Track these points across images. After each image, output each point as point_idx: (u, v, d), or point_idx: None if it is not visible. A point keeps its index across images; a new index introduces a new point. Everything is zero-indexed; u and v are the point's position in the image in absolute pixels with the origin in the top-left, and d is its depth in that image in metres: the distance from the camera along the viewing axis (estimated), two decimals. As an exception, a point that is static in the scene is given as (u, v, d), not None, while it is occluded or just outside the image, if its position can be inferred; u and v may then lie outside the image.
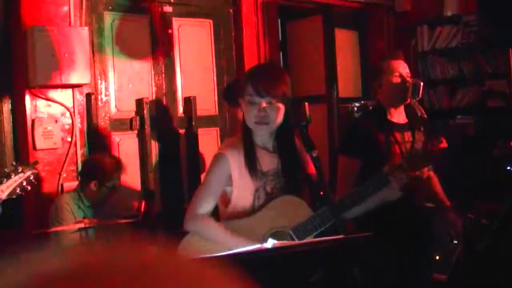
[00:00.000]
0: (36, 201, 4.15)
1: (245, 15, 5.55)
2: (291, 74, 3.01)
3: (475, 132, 6.02)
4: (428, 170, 3.23)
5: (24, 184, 3.18)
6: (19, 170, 3.17)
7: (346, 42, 6.63)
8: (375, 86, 3.39)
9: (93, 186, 3.89)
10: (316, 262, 2.32)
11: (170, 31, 5.10)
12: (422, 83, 3.33)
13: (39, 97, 4.23)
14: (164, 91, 5.03)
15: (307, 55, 6.31)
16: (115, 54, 4.74)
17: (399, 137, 3.25)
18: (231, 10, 5.54)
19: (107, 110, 4.69)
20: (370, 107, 5.07)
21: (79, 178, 4.13)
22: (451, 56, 6.45)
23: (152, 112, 4.87)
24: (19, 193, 3.17)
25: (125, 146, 4.77)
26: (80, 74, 4.24)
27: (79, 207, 3.86)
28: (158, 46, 5.01)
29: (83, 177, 4.01)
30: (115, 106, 4.74)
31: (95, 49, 4.60)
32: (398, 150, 3.22)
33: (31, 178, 3.21)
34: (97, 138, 4.57)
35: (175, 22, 5.15)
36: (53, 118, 4.29)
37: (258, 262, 2.14)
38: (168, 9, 5.10)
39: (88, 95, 4.51)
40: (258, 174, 2.66)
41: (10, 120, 4.26)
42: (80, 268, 0.52)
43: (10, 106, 4.26)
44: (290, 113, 2.65)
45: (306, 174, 2.71)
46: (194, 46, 5.26)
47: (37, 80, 4.11)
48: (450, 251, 3.78)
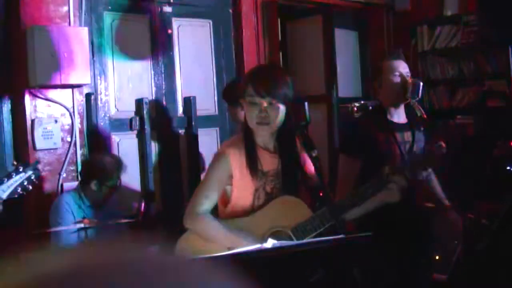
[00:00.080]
0: (36, 201, 4.14)
1: (244, 15, 5.55)
2: (291, 74, 3.00)
3: (475, 132, 6.01)
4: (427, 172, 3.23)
5: (25, 183, 3.16)
6: (20, 169, 3.15)
7: (346, 42, 6.63)
8: (376, 86, 3.39)
9: (93, 186, 3.88)
10: (316, 262, 2.32)
11: (169, 31, 5.10)
12: (422, 83, 3.33)
13: (39, 97, 4.23)
14: (163, 91, 5.03)
15: (307, 55, 6.31)
16: (115, 54, 4.74)
17: (399, 137, 3.24)
18: (231, 10, 5.54)
19: (107, 110, 4.69)
20: (370, 107, 5.08)
21: (79, 178, 4.13)
22: (451, 56, 6.45)
23: (151, 112, 4.87)
24: (21, 192, 3.16)
25: (124, 146, 4.77)
26: (79, 74, 4.23)
27: (80, 207, 3.86)
28: (158, 46, 5.00)
29: (83, 176, 4.01)
30: (115, 106, 4.74)
31: (95, 49, 4.60)
32: (398, 150, 3.22)
33: (33, 178, 3.19)
34: (96, 138, 4.57)
35: (175, 22, 5.15)
36: (52, 118, 4.28)
37: (258, 262, 2.14)
38: (167, 9, 5.09)
39: (87, 95, 4.51)
40: (258, 174, 2.66)
41: (10, 120, 4.25)
42: (79, 268, 0.51)
43: (9, 106, 4.26)
44: (291, 113, 2.65)
45: (306, 174, 2.72)
46: (194, 46, 5.25)
47: (36, 80, 4.10)
48: (450, 251, 3.78)
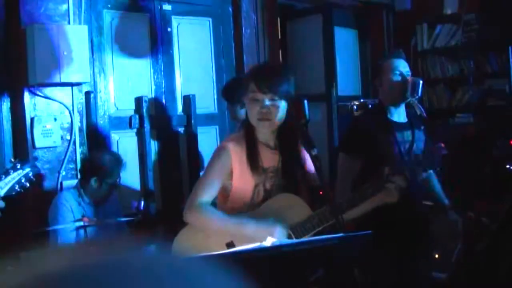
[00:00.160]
0: (35, 199, 4.14)
1: (244, 14, 5.55)
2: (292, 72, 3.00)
3: (475, 131, 6.02)
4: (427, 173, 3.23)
5: (23, 180, 3.12)
6: (18, 166, 3.11)
7: (346, 41, 6.62)
8: (376, 84, 3.39)
9: (93, 183, 3.87)
10: (315, 261, 2.32)
11: (169, 30, 5.10)
12: (422, 82, 3.33)
13: (38, 95, 4.22)
14: (163, 90, 5.03)
15: (307, 54, 6.31)
16: (114, 53, 4.74)
17: (399, 136, 3.24)
18: (231, 9, 5.53)
19: (106, 109, 4.69)
20: (370, 106, 5.08)
21: (79, 175, 4.12)
22: (451, 55, 6.46)
23: (151, 110, 4.87)
24: (18, 190, 3.12)
25: (124, 144, 4.77)
26: (79, 72, 4.23)
27: (79, 204, 3.85)
28: (158, 45, 5.00)
29: (83, 173, 4.00)
30: (114, 105, 4.74)
31: (94, 47, 4.59)
32: (398, 149, 3.21)
33: (30, 175, 3.15)
34: (96, 136, 4.56)
35: (175, 20, 5.14)
36: (52, 116, 4.28)
37: (257, 260, 2.14)
38: (167, 7, 5.09)
39: (87, 94, 4.50)
40: (259, 170, 2.66)
41: (9, 118, 4.25)
42: (79, 266, 0.51)
43: (9, 104, 4.25)
44: (291, 111, 2.65)
45: (306, 173, 2.72)
46: (194, 45, 5.25)
47: (36, 78, 4.09)
48: (450, 251, 3.78)
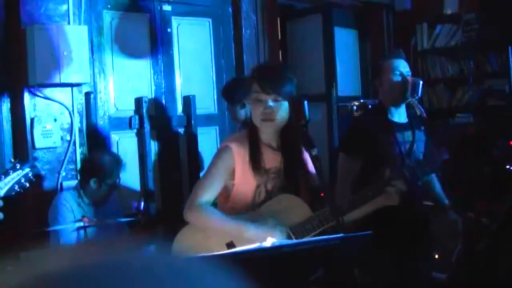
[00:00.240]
0: (35, 199, 4.13)
1: (244, 14, 5.55)
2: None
3: (475, 131, 6.01)
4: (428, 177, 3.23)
5: (22, 181, 3.11)
6: (18, 167, 3.10)
7: (346, 41, 6.62)
8: (376, 85, 3.38)
9: (92, 184, 3.87)
10: (315, 261, 2.32)
11: (169, 30, 5.10)
12: (422, 82, 3.33)
13: (38, 96, 4.22)
14: (163, 90, 5.03)
15: (307, 54, 6.31)
16: (114, 53, 4.74)
17: (399, 136, 3.24)
18: (231, 9, 5.53)
19: (106, 109, 4.68)
20: (369, 106, 5.08)
21: (79, 176, 4.12)
22: (451, 55, 6.45)
23: (151, 111, 4.87)
24: (18, 190, 3.11)
25: (124, 145, 4.77)
26: (79, 72, 4.23)
27: (79, 205, 3.85)
28: (157, 45, 5.00)
29: (83, 174, 4.00)
30: (114, 105, 4.74)
31: (94, 47, 4.59)
32: (398, 150, 3.21)
33: (30, 175, 3.14)
34: (96, 137, 4.56)
35: (174, 21, 5.14)
36: (52, 117, 4.27)
37: (257, 260, 2.14)
38: (167, 7, 5.09)
39: (87, 94, 4.50)
40: (261, 171, 2.66)
41: (9, 119, 4.25)
42: (79, 267, 0.51)
43: (9, 105, 4.25)
44: (291, 111, 2.65)
45: (308, 174, 2.71)
46: (194, 45, 5.25)
47: (36, 78, 4.09)
48: (450, 251, 3.78)
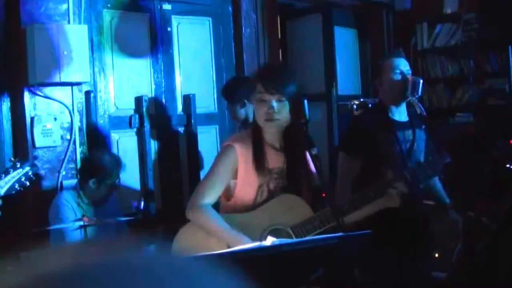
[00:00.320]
0: (35, 199, 4.14)
1: (244, 13, 5.55)
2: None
3: (475, 130, 6.01)
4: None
5: (23, 179, 3.11)
6: (18, 165, 3.10)
7: (345, 40, 6.62)
8: (377, 84, 3.38)
9: (91, 184, 3.87)
10: (315, 261, 2.31)
11: (169, 29, 5.10)
12: (422, 80, 3.33)
13: (38, 95, 4.22)
14: (163, 89, 5.03)
15: (307, 53, 6.30)
16: (114, 52, 4.73)
17: (400, 135, 3.24)
18: (231, 8, 5.53)
19: (106, 108, 4.68)
20: (370, 105, 5.08)
21: (78, 176, 4.12)
22: (451, 54, 6.45)
23: (151, 110, 4.87)
24: (18, 188, 3.11)
25: (124, 144, 4.76)
26: (79, 72, 4.23)
27: (79, 205, 3.85)
28: (157, 44, 5.00)
29: (82, 174, 4.00)
30: (114, 104, 4.74)
31: (94, 47, 4.59)
32: (399, 149, 3.21)
33: (30, 174, 3.14)
34: (96, 136, 4.56)
35: (174, 20, 5.14)
36: (52, 116, 4.27)
37: (257, 260, 2.14)
38: (167, 7, 5.09)
39: (87, 93, 4.50)
40: (264, 171, 2.66)
41: (9, 118, 4.25)
42: (79, 266, 0.51)
43: (9, 104, 4.25)
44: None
45: (309, 174, 2.71)
46: (193, 44, 5.25)
47: (36, 78, 4.09)
48: (450, 251, 3.78)
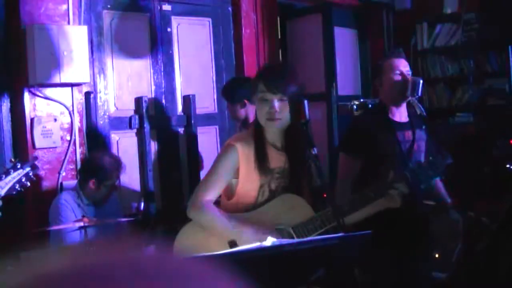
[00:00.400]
0: (35, 200, 4.14)
1: (244, 14, 5.55)
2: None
3: (475, 130, 6.02)
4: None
5: (23, 180, 3.12)
6: (18, 166, 3.11)
7: (345, 41, 6.62)
8: (377, 84, 3.38)
9: (92, 185, 3.88)
10: (315, 261, 2.31)
11: (169, 30, 5.10)
12: (422, 81, 3.32)
13: (38, 95, 4.22)
14: (163, 90, 5.03)
15: (307, 54, 6.30)
16: (114, 53, 4.74)
17: (400, 136, 3.24)
18: (230, 9, 5.53)
19: (106, 109, 4.69)
20: (370, 105, 5.08)
21: (78, 177, 4.13)
22: (451, 54, 6.45)
23: (151, 110, 4.87)
24: (19, 189, 3.12)
25: (124, 144, 4.77)
26: (79, 72, 4.23)
27: (79, 206, 3.86)
28: (157, 45, 5.00)
29: (82, 175, 4.00)
30: (114, 105, 4.74)
31: (94, 47, 4.59)
32: (399, 149, 3.21)
33: (30, 174, 3.15)
34: (96, 136, 4.56)
35: (174, 20, 5.15)
36: (52, 116, 4.28)
37: (257, 260, 2.14)
38: (167, 7, 5.09)
39: (87, 94, 4.50)
40: (266, 171, 2.66)
41: (9, 119, 4.25)
42: (79, 267, 0.51)
43: (9, 104, 4.25)
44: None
45: (310, 174, 2.71)
46: (193, 45, 5.25)
47: (36, 78, 4.10)
48: (450, 251, 3.78)
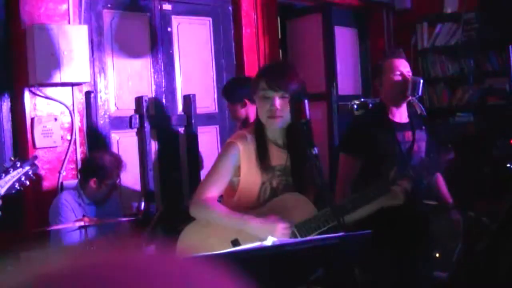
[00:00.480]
0: (36, 199, 4.14)
1: (244, 13, 5.55)
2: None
3: (475, 130, 6.01)
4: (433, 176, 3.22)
5: (23, 179, 3.11)
6: (18, 165, 3.10)
7: (346, 40, 6.62)
8: (377, 84, 3.38)
9: (93, 184, 3.88)
10: (315, 260, 2.31)
11: (169, 29, 5.10)
12: (422, 80, 3.32)
13: (39, 95, 4.23)
14: (163, 89, 5.03)
15: (307, 53, 6.30)
16: (115, 52, 4.74)
17: (400, 136, 3.23)
18: (231, 8, 5.53)
19: (107, 108, 4.69)
20: (370, 105, 5.08)
21: (79, 176, 4.13)
22: (451, 54, 6.45)
23: (151, 110, 4.87)
24: (18, 188, 3.11)
25: (124, 144, 4.77)
26: (79, 72, 4.23)
27: (79, 205, 3.86)
28: (158, 44, 5.00)
29: (83, 174, 4.00)
30: (115, 104, 4.74)
31: (94, 47, 4.60)
32: (398, 149, 3.21)
33: (30, 173, 3.14)
34: (96, 136, 4.57)
35: (175, 20, 5.15)
36: (52, 116, 4.28)
37: (257, 260, 2.14)
38: (167, 7, 5.09)
39: (87, 93, 4.51)
40: (267, 168, 2.66)
41: (10, 118, 4.25)
42: (79, 267, 0.51)
43: (9, 104, 4.25)
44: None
45: (312, 172, 2.71)
46: (194, 44, 5.25)
47: (36, 78, 4.10)
48: (451, 251, 3.78)
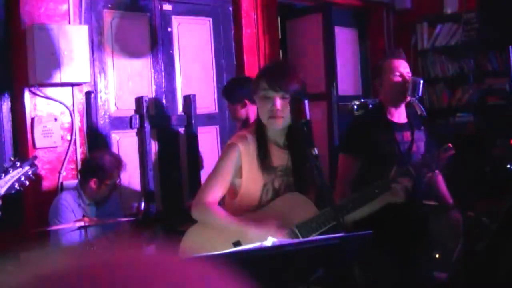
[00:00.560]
0: (36, 199, 4.14)
1: (244, 13, 5.55)
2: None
3: (475, 130, 6.02)
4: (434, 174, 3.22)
5: (22, 179, 3.11)
6: (17, 165, 3.10)
7: (346, 40, 6.62)
8: (377, 85, 3.38)
9: (93, 184, 3.88)
10: (315, 261, 2.31)
11: (169, 29, 5.10)
12: (422, 81, 3.32)
13: (39, 95, 4.23)
14: (163, 89, 5.03)
15: (307, 53, 6.30)
16: (115, 52, 4.74)
17: (399, 137, 3.23)
18: (231, 8, 5.53)
19: (107, 109, 4.69)
20: (370, 105, 5.08)
21: (79, 176, 4.13)
22: (451, 54, 6.45)
23: (151, 110, 4.87)
24: (18, 188, 3.11)
25: (124, 144, 4.77)
26: (79, 72, 4.23)
27: (79, 205, 3.86)
28: (158, 44, 5.00)
29: (83, 174, 4.00)
30: (115, 105, 4.74)
31: (95, 47, 4.60)
32: (398, 150, 3.21)
33: (30, 173, 3.14)
34: (96, 136, 4.57)
35: (175, 20, 5.15)
36: (52, 116, 4.28)
37: (257, 260, 2.14)
38: (167, 7, 5.09)
39: (87, 94, 4.51)
40: (269, 169, 2.66)
41: (10, 118, 4.25)
42: (79, 267, 0.51)
43: (9, 104, 4.26)
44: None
45: (313, 172, 2.71)
46: (194, 44, 5.25)
47: (36, 78, 4.10)
48: (451, 251, 3.78)
